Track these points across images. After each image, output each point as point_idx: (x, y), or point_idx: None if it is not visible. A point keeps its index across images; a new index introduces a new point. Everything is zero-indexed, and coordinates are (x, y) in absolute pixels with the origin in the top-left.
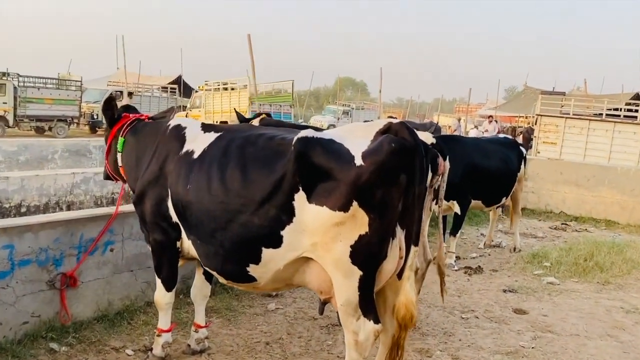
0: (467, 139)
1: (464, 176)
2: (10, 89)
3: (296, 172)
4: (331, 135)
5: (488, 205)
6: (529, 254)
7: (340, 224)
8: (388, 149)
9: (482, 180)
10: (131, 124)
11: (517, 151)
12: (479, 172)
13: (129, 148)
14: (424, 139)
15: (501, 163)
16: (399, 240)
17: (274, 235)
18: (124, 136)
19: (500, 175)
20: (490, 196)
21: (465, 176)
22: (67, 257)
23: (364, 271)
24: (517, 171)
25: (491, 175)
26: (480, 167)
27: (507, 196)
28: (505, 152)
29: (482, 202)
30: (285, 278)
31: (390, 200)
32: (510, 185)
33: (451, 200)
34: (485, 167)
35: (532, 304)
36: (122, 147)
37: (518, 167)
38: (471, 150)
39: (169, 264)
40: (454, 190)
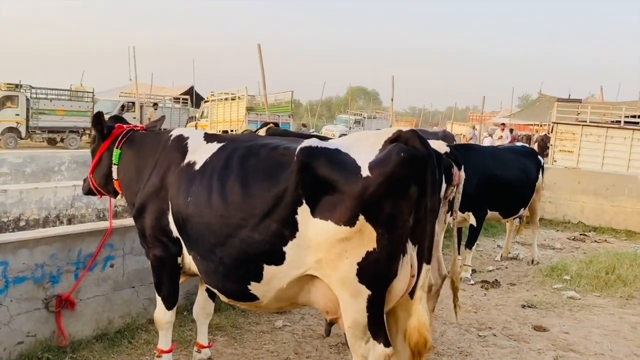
0: (483, 148)
1: (479, 186)
2: (23, 100)
3: (299, 184)
4: (337, 144)
5: (506, 217)
6: (547, 266)
7: (346, 240)
8: (397, 159)
9: (499, 190)
10: (126, 135)
11: (535, 160)
12: (495, 182)
13: (127, 160)
14: (437, 148)
15: (519, 172)
16: (411, 257)
17: (276, 252)
18: (119, 148)
19: (518, 185)
20: (507, 207)
21: (481, 186)
22: (65, 273)
23: (372, 290)
24: (535, 181)
25: (508, 185)
26: (497, 177)
27: (525, 207)
28: (523, 161)
29: (500, 214)
30: (289, 297)
31: (399, 214)
32: (529, 196)
33: (466, 212)
34: (502, 177)
35: (552, 320)
36: (118, 159)
37: (536, 176)
38: (487, 159)
39: (169, 280)
40: (470, 201)
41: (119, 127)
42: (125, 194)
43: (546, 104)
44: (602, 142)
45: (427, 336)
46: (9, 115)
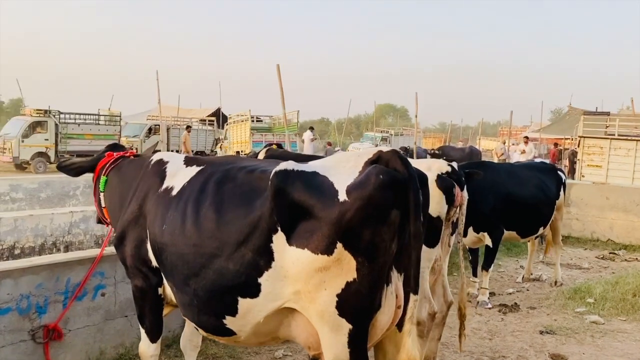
0: (498, 165)
1: (495, 205)
2: (52, 126)
3: (274, 210)
4: (316, 167)
5: (524, 237)
6: (570, 288)
7: (323, 270)
8: (376, 181)
9: (516, 209)
10: (115, 162)
11: (555, 176)
12: (511, 201)
13: (111, 187)
14: (438, 167)
15: (536, 190)
16: (396, 287)
17: (251, 283)
18: (106, 175)
19: (535, 203)
20: (525, 226)
21: (497, 205)
22: (52, 303)
23: (353, 324)
24: (555, 198)
25: (525, 203)
26: (513, 195)
27: (544, 226)
28: (541, 177)
29: (517, 233)
30: (268, 331)
31: (380, 240)
32: (548, 214)
33: (481, 232)
34: (518, 195)
35: (572, 347)
36: (103, 186)
37: (556, 193)
38: (502, 177)
39: (151, 312)
40: (484, 220)
41: (109, 154)
42: (112, 221)
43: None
44: (632, 156)
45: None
46: (38, 140)
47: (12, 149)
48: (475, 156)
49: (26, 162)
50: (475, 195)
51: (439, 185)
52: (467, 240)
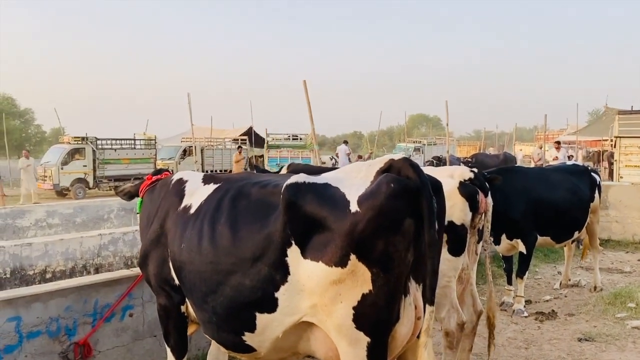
0: (528, 170)
1: (526, 211)
2: (90, 152)
3: (287, 224)
4: (327, 178)
5: (559, 242)
6: (610, 293)
7: (338, 282)
8: (387, 190)
9: (548, 214)
10: (151, 184)
11: (589, 179)
12: (543, 206)
13: (144, 208)
14: (461, 174)
15: (569, 193)
16: (414, 298)
17: (268, 298)
18: (142, 197)
19: (568, 207)
20: (559, 231)
21: (528, 211)
22: (81, 325)
23: (371, 338)
24: (589, 201)
25: (558, 208)
26: (545, 199)
27: (579, 230)
28: (574, 181)
29: (552, 239)
30: (288, 347)
31: (394, 250)
32: (582, 218)
33: (515, 239)
34: (550, 200)
35: (612, 354)
36: (139, 208)
37: (591, 196)
38: (533, 181)
39: (175, 330)
40: (517, 227)
41: (148, 178)
42: (141, 241)
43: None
44: None
45: None
46: (77, 167)
47: (52, 177)
48: (510, 162)
49: (66, 188)
50: (506, 201)
51: (462, 193)
52: (501, 248)
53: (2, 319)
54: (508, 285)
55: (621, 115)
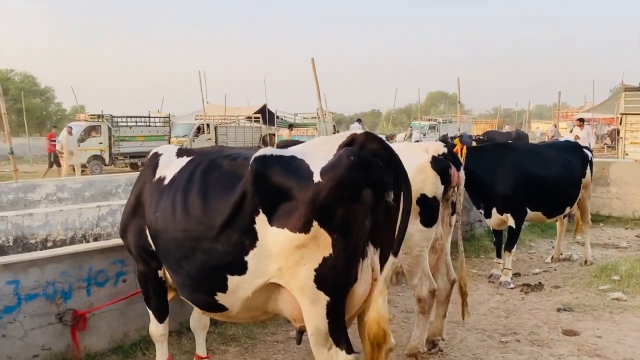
0: (520, 146)
1: (517, 186)
2: (105, 129)
3: (255, 193)
4: (294, 151)
5: (550, 216)
6: (598, 267)
7: (302, 247)
8: (347, 162)
9: (539, 189)
10: None
11: (581, 155)
12: (535, 181)
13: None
14: (435, 149)
15: (561, 169)
16: (372, 261)
17: (238, 262)
18: None
19: (560, 182)
20: (550, 206)
21: (520, 186)
22: (77, 289)
23: (331, 297)
24: (581, 177)
25: (549, 183)
26: (536, 175)
27: (571, 205)
28: (566, 157)
29: (543, 214)
30: (258, 306)
31: (353, 218)
32: (574, 193)
33: (504, 213)
34: (541, 175)
35: (587, 323)
36: None
37: (582, 172)
38: (525, 157)
39: (155, 295)
40: (507, 202)
41: None
42: None
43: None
44: None
45: (386, 328)
46: (93, 144)
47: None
48: (522, 139)
49: (83, 165)
50: (497, 176)
51: (434, 167)
52: (492, 221)
53: (1, 282)
54: (497, 258)
55: (627, 92)
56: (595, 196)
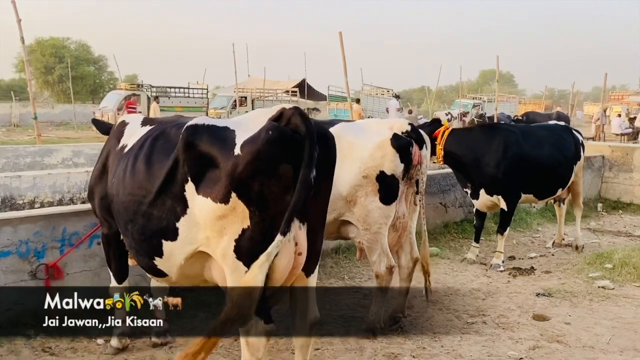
0: (512, 127)
1: (508, 168)
2: (144, 99)
3: (185, 161)
4: (229, 122)
5: (541, 198)
6: (594, 253)
7: (223, 217)
8: (265, 137)
9: (531, 171)
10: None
11: (573, 138)
12: (526, 163)
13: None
14: (399, 126)
15: (553, 150)
16: (295, 235)
17: (171, 228)
18: None
19: (551, 164)
20: (542, 188)
21: (511, 168)
22: (50, 249)
23: (249, 267)
24: (574, 159)
25: (541, 165)
26: (528, 156)
27: (563, 187)
28: (558, 139)
29: (534, 195)
30: (194, 274)
31: (269, 192)
32: (566, 175)
33: (495, 196)
34: (533, 157)
35: (562, 309)
36: None
37: (574, 154)
38: (516, 138)
39: (115, 257)
40: (498, 184)
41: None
42: None
43: None
44: None
45: None
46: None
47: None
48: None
49: None
50: (486, 157)
51: (394, 144)
52: (479, 203)
53: None
54: (474, 242)
55: None
56: (618, 182)
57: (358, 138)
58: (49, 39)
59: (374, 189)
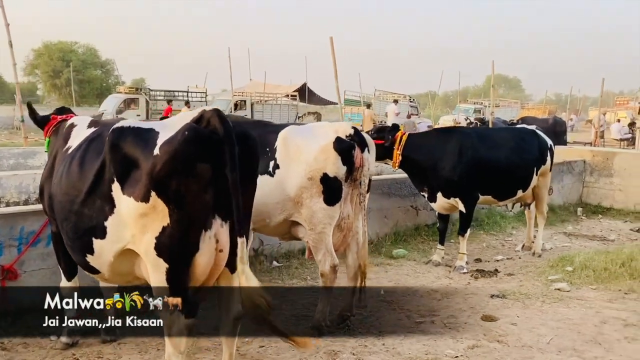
0: (467, 130)
1: (465, 170)
2: (143, 102)
3: (110, 162)
4: (155, 124)
5: (501, 199)
6: (558, 257)
7: (144, 215)
8: (181, 138)
9: (488, 172)
10: (56, 125)
11: (537, 141)
12: (483, 165)
13: (50, 148)
14: (342, 130)
15: (511, 153)
16: (216, 233)
17: (100, 226)
18: (49, 136)
19: (509, 166)
20: (500, 190)
21: (468, 170)
22: (7, 247)
23: (169, 264)
24: (536, 161)
25: (498, 167)
26: (484, 158)
27: (523, 189)
28: (519, 142)
29: (493, 197)
30: (125, 271)
31: (187, 191)
32: (526, 177)
33: (453, 198)
34: (489, 159)
35: (513, 311)
36: (47, 147)
37: (538, 157)
38: (472, 141)
39: (64, 254)
40: (455, 186)
41: (54, 117)
42: None
43: None
44: None
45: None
46: (131, 116)
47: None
48: (559, 126)
49: None
50: (442, 161)
51: (335, 147)
52: (437, 205)
53: None
54: (439, 245)
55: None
56: (598, 187)
57: (305, 141)
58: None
59: (318, 191)
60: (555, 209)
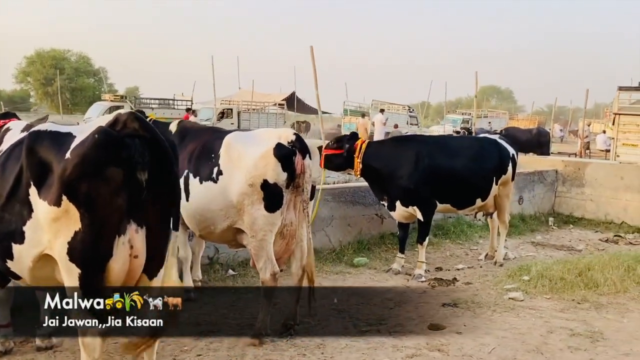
0: (427, 138)
1: (421, 179)
2: (128, 110)
3: (27, 166)
4: (74, 128)
5: (460, 208)
6: (516, 266)
7: (57, 220)
8: (90, 141)
9: (445, 181)
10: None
11: (498, 149)
12: (437, 174)
13: None
14: (284, 136)
15: (468, 162)
16: (131, 238)
17: (19, 231)
18: None
19: (466, 175)
20: (458, 198)
21: (422, 179)
22: None
23: (82, 269)
24: (495, 170)
25: (454, 175)
26: (439, 167)
27: (482, 198)
28: (478, 151)
29: (452, 205)
30: (46, 276)
31: (97, 195)
32: (485, 186)
33: (411, 206)
34: (445, 167)
35: (461, 319)
36: None
37: (497, 166)
38: (429, 149)
39: None
40: (412, 195)
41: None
42: None
43: None
44: None
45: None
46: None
47: None
48: (542, 137)
49: None
50: (399, 169)
51: (276, 154)
52: (397, 215)
53: None
54: (399, 253)
55: (622, 90)
56: (570, 197)
57: (246, 147)
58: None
59: (259, 197)
60: (525, 219)
